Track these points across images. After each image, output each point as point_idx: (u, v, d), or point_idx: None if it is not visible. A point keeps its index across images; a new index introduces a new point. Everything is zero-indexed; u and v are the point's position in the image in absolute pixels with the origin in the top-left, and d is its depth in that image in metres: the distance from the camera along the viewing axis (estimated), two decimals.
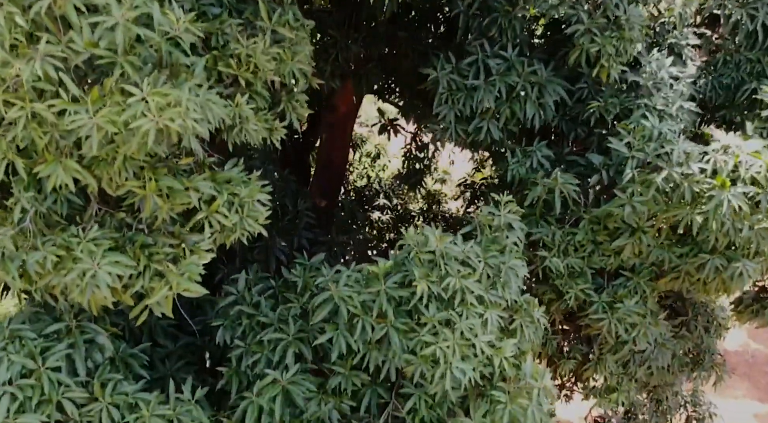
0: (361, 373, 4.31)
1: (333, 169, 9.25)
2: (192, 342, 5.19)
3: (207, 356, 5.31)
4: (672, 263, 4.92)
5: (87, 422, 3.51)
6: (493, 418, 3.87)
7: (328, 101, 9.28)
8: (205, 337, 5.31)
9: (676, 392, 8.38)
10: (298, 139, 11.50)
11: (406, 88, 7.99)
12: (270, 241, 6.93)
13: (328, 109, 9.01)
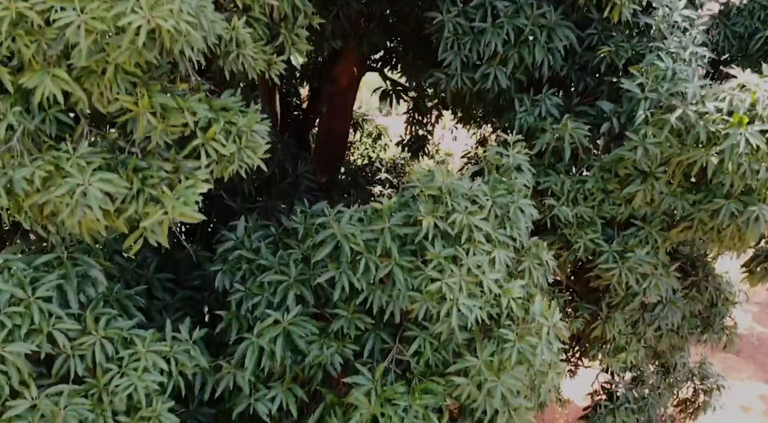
0: (364, 316, 4.18)
1: (333, 142, 9.11)
2: (191, 296, 5.05)
3: (206, 310, 5.18)
4: (685, 211, 4.76)
5: (79, 355, 3.38)
6: (501, 357, 3.73)
7: (328, 73, 9.14)
8: (204, 292, 5.18)
9: (684, 363, 8.25)
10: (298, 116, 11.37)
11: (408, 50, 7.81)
12: (269, 203, 6.80)
13: (329, 81, 8.86)
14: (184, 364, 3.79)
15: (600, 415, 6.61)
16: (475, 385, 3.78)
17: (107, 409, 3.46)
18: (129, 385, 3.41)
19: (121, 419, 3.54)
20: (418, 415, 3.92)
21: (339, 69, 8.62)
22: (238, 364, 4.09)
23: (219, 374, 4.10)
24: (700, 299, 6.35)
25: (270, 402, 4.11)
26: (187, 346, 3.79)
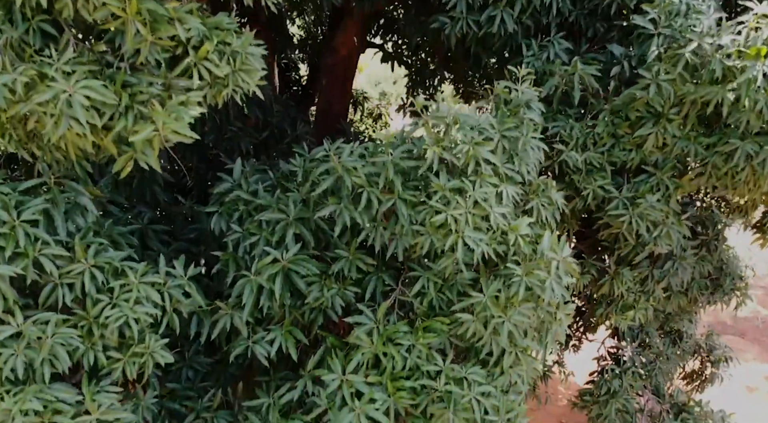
0: (365, 257, 4.02)
1: (332, 115, 8.93)
2: (186, 248, 4.90)
3: (203, 263, 5.03)
4: (698, 156, 4.59)
5: (67, 284, 3.23)
6: (508, 293, 3.57)
7: (328, 44, 8.96)
8: (200, 246, 5.03)
9: (691, 335, 8.10)
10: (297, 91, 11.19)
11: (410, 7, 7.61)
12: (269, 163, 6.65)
13: (328, 52, 8.68)
14: (179, 301, 3.64)
15: (606, 380, 6.47)
16: (480, 323, 3.62)
17: (97, 343, 3.32)
18: (120, 316, 3.26)
19: (112, 355, 3.40)
20: (422, 354, 3.77)
21: (339, 39, 8.44)
22: (236, 306, 3.95)
23: (216, 315, 3.96)
24: (710, 259, 6.19)
25: (269, 345, 3.97)
26: (182, 281, 3.64)
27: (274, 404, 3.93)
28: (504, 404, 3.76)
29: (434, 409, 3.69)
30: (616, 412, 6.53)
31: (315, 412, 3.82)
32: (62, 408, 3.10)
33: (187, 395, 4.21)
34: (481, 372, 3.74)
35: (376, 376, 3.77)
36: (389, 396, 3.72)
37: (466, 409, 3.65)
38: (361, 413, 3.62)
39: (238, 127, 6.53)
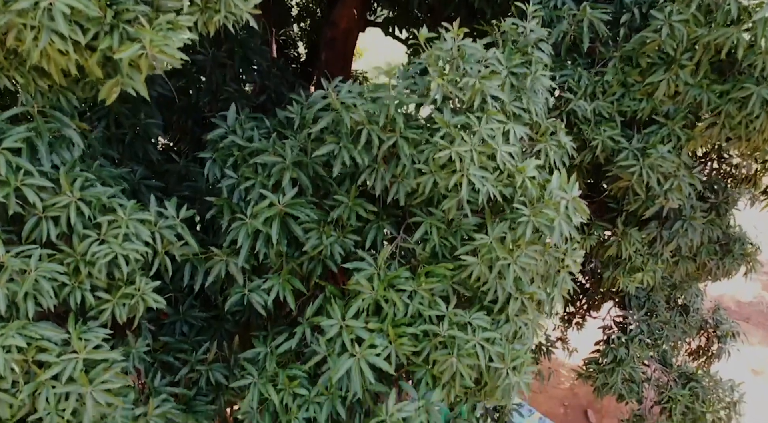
0: (365, 203, 3.86)
1: None
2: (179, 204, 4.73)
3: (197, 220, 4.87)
4: (711, 104, 4.41)
5: (52, 218, 3.07)
6: (514, 234, 3.41)
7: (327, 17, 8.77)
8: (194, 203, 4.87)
9: (698, 309, 7.94)
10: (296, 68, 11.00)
11: None
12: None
13: (328, 26, 8.50)
14: (171, 243, 3.49)
15: (612, 348, 6.32)
16: (485, 266, 3.46)
17: (85, 282, 3.17)
18: (108, 253, 3.11)
19: (101, 295, 3.25)
20: (424, 300, 3.62)
21: (338, 12, 8.26)
22: (231, 252, 3.79)
23: (210, 262, 3.80)
24: (719, 224, 6.03)
25: (265, 293, 3.82)
26: (174, 222, 3.49)
27: (271, 353, 3.78)
28: (509, 352, 3.61)
29: (437, 356, 3.54)
30: (622, 381, 6.38)
31: (314, 360, 3.67)
32: (47, 346, 2.95)
33: (181, 348, 4.06)
34: (486, 318, 3.58)
35: (376, 323, 3.62)
36: (390, 343, 3.57)
37: (470, 355, 3.50)
38: (361, 359, 3.48)
39: (234, 89, 6.36)
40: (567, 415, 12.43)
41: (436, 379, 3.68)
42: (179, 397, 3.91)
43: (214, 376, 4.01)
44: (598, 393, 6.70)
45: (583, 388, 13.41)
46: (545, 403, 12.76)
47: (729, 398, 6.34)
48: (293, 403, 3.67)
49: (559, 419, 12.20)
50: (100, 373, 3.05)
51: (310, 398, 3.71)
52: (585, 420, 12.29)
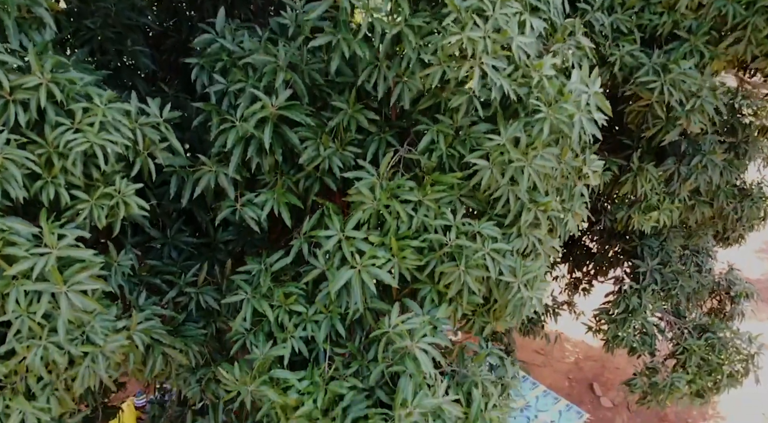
0: (366, 111, 3.57)
1: None
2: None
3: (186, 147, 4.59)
4: (736, 17, 4.11)
5: (20, 101, 2.78)
6: (530, 132, 3.12)
7: None
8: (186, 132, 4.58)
9: (710, 269, 7.66)
10: None
11: None
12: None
13: None
14: (154, 143, 3.20)
15: (624, 296, 6.04)
16: (497, 169, 3.18)
17: (59, 177, 2.88)
18: (84, 142, 2.82)
19: (77, 194, 2.97)
20: (430, 212, 3.34)
21: None
22: (220, 161, 3.51)
23: (198, 173, 3.52)
24: (738, 165, 5.73)
25: (259, 208, 3.53)
26: (158, 120, 3.20)
27: (266, 271, 3.51)
28: (521, 266, 3.34)
29: (443, 268, 3.26)
30: (634, 332, 6.12)
31: (311, 275, 3.40)
32: (16, 240, 2.68)
33: (169, 271, 3.79)
34: (496, 229, 3.30)
35: (378, 237, 3.34)
36: (393, 256, 3.30)
37: (478, 267, 3.22)
38: (362, 270, 3.20)
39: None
40: (572, 388, 12.20)
41: (442, 296, 3.41)
42: (166, 320, 3.65)
43: (205, 300, 3.73)
44: (609, 347, 6.44)
45: (588, 362, 13.19)
46: (550, 376, 12.54)
47: (747, 350, 6.07)
48: (289, 321, 3.41)
49: (564, 392, 11.97)
50: (75, 273, 2.77)
51: (308, 317, 3.44)
52: (590, 392, 12.07)
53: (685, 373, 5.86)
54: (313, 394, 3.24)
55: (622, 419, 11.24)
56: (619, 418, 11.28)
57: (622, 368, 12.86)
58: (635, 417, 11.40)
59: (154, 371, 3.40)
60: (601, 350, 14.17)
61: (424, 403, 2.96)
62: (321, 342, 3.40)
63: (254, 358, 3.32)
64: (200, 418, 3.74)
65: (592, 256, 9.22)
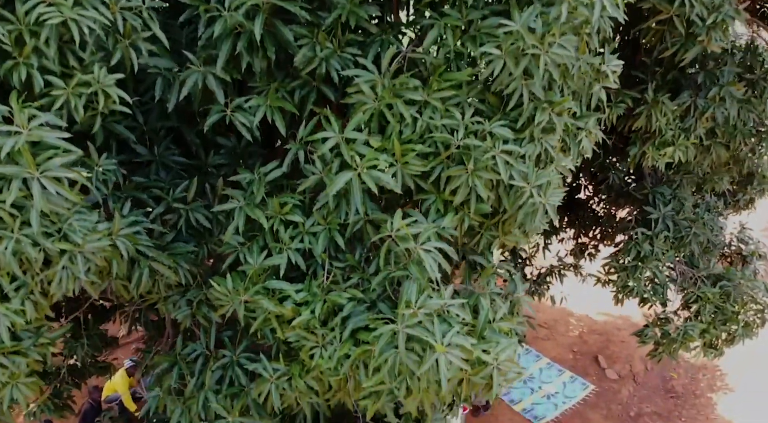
0: (368, 6, 3.30)
1: None
2: None
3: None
4: None
5: None
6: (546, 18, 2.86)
7: None
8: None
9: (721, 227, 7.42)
10: None
11: None
12: None
13: None
14: (136, 30, 2.95)
15: (636, 243, 5.80)
16: (511, 59, 2.92)
17: (32, 58, 2.63)
18: (57, 16, 2.57)
19: (53, 80, 2.73)
20: (436, 114, 3.09)
21: None
22: (208, 60, 3.25)
23: (185, 73, 3.26)
24: (756, 104, 5.47)
25: (251, 114, 3.29)
26: (140, 5, 2.94)
27: (260, 180, 3.27)
28: (534, 172, 3.10)
29: (450, 172, 3.02)
30: (646, 280, 5.88)
31: (308, 182, 3.16)
32: None
33: (157, 187, 3.55)
34: (508, 130, 3.06)
35: (380, 141, 3.10)
36: (396, 161, 3.06)
37: (488, 169, 2.98)
38: (362, 173, 2.96)
39: None
40: (577, 361, 12.00)
41: (448, 206, 3.17)
42: (154, 237, 3.40)
43: (195, 218, 3.49)
44: (618, 298, 6.21)
45: (592, 335, 12.99)
46: (554, 349, 12.34)
47: (764, 299, 5.84)
48: (285, 232, 3.17)
49: (569, 364, 11.78)
50: (49, 159, 2.54)
51: (305, 229, 3.21)
52: (595, 365, 11.87)
53: (698, 322, 5.63)
54: (310, 305, 3.01)
55: (628, 390, 11.05)
56: (625, 389, 11.09)
57: (627, 342, 12.66)
58: (641, 388, 11.21)
59: (140, 287, 3.17)
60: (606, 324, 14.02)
61: (428, 303, 2.73)
62: (319, 255, 3.17)
63: (248, 268, 3.10)
64: (191, 343, 3.52)
65: (599, 220, 8.99)
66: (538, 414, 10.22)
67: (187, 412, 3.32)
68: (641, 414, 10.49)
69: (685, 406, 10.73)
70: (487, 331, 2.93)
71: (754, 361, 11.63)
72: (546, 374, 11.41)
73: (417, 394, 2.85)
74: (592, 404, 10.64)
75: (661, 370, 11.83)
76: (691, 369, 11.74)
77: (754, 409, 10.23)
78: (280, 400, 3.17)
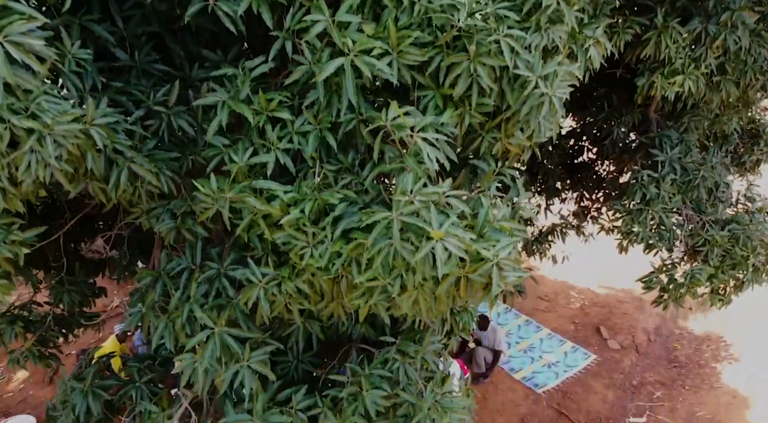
0: None
1: None
2: None
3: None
4: None
5: None
6: None
7: None
8: None
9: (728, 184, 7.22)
10: None
11: None
12: None
13: None
14: None
15: (641, 185, 5.59)
16: None
17: None
18: None
19: None
20: None
21: None
22: None
23: None
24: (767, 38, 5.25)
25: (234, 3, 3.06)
26: None
27: (245, 74, 3.05)
28: (539, 63, 2.88)
29: (450, 60, 2.81)
30: (651, 226, 5.68)
31: (296, 74, 2.95)
32: None
33: (138, 90, 3.33)
34: (513, 13, 2.85)
35: (375, 29, 2.88)
36: (391, 50, 2.84)
37: (491, 54, 2.77)
38: (355, 58, 2.75)
39: None
40: (578, 332, 11.84)
41: (447, 101, 2.96)
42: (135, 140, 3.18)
43: (178, 124, 3.28)
44: (622, 246, 6.01)
45: (594, 308, 12.81)
46: (554, 321, 12.18)
47: None
48: (273, 132, 2.97)
49: (570, 335, 11.63)
50: (12, 23, 2.32)
51: (294, 129, 3.00)
52: (597, 335, 11.71)
53: (706, 266, 5.44)
54: (300, 204, 2.81)
55: (630, 360, 10.89)
56: (627, 359, 10.93)
57: (630, 314, 12.50)
58: (644, 358, 11.05)
59: (118, 188, 2.97)
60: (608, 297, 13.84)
61: (425, 191, 2.53)
62: (309, 155, 2.96)
63: (233, 167, 2.89)
64: (177, 258, 3.32)
65: (602, 182, 8.80)
66: (538, 382, 10.07)
67: (171, 326, 3.12)
68: (644, 383, 10.34)
69: (689, 375, 10.58)
70: (487, 229, 2.73)
71: (762, 332, 11.48)
72: (547, 344, 11.25)
73: (412, 291, 2.66)
74: (593, 373, 10.49)
75: (664, 341, 11.67)
76: (695, 340, 11.59)
77: (761, 379, 10.09)
78: (270, 308, 2.97)
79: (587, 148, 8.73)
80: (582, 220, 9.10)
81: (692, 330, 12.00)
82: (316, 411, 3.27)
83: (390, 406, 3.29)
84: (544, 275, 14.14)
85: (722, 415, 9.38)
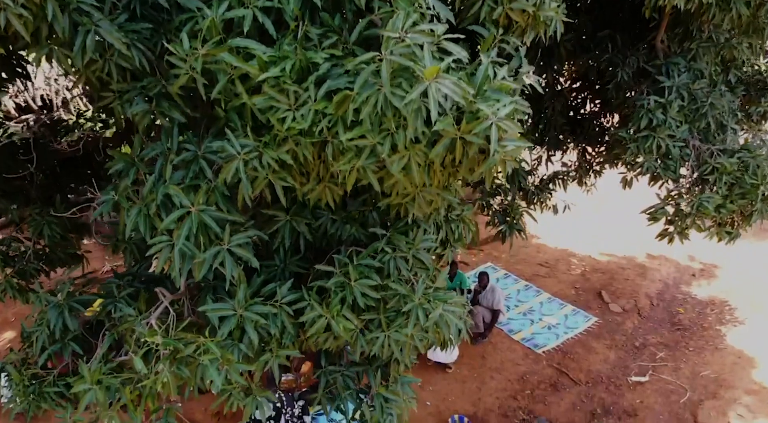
0: None
1: None
2: None
3: None
4: None
5: None
6: None
7: None
8: None
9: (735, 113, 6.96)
10: None
11: None
12: None
13: None
14: None
15: (648, 110, 5.34)
16: None
17: None
18: None
19: None
20: None
21: None
22: None
23: None
24: None
25: None
26: None
27: None
28: None
29: None
30: (658, 156, 5.43)
31: None
32: None
33: None
34: None
35: None
36: None
37: None
38: None
39: None
40: (579, 296, 11.64)
41: None
42: (103, 13, 2.93)
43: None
44: (626, 180, 5.78)
45: (595, 274, 12.59)
46: (555, 286, 11.98)
47: None
48: None
49: (571, 299, 11.42)
50: None
51: None
52: (598, 299, 11.51)
53: (715, 194, 5.20)
54: (281, 63, 2.57)
55: (632, 323, 10.69)
56: (629, 322, 10.72)
57: (631, 279, 12.29)
58: (647, 321, 10.85)
59: (85, 55, 2.72)
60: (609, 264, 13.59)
61: (419, 28, 2.28)
62: (290, 12, 2.71)
63: (206, 23, 2.64)
64: (151, 144, 3.09)
65: (604, 132, 8.55)
66: (538, 343, 9.88)
67: (146, 211, 2.89)
68: (646, 344, 10.15)
69: (692, 337, 10.38)
70: (486, 87, 2.49)
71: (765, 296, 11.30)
72: (547, 307, 11.04)
73: (403, 151, 2.43)
74: (595, 334, 10.29)
75: (667, 305, 11.47)
76: (699, 304, 11.38)
77: (767, 340, 9.90)
78: (251, 186, 2.74)
79: (589, 99, 8.49)
80: (584, 174, 8.87)
81: (696, 295, 11.79)
82: (302, 304, 3.05)
83: (379, 299, 3.07)
84: (544, 243, 13.94)
85: (727, 373, 9.19)
